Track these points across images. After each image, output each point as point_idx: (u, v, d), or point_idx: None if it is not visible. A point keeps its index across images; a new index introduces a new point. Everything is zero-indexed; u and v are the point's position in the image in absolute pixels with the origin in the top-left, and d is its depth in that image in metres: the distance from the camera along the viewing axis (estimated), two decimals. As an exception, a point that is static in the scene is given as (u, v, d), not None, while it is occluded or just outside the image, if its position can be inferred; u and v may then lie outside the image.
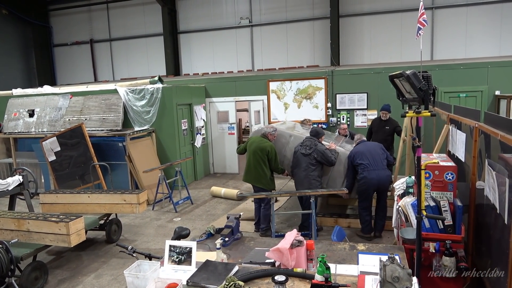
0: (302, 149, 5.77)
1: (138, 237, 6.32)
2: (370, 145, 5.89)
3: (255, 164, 5.91)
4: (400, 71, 2.33)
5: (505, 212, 2.66)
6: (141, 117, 9.09)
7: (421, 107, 2.35)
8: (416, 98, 2.32)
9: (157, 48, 14.74)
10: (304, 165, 5.69)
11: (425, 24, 5.26)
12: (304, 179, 5.68)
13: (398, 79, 2.45)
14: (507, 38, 11.37)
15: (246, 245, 3.49)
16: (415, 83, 2.20)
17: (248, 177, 6.07)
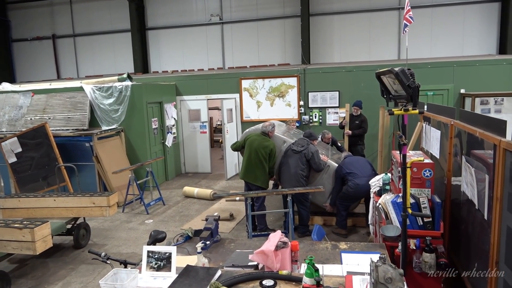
0: (294, 146, 5.76)
1: (108, 241, 6.05)
2: (357, 157, 6.24)
3: (257, 162, 5.81)
4: (388, 68, 2.30)
5: (485, 208, 2.70)
6: (109, 116, 8.74)
7: (408, 104, 2.33)
8: (403, 96, 2.30)
9: (124, 44, 14.26)
10: (294, 163, 5.65)
11: (412, 21, 5.33)
12: (293, 176, 5.63)
13: (385, 76, 2.43)
14: (470, 39, 11.84)
15: (226, 247, 3.39)
16: (404, 80, 2.18)
17: (247, 175, 5.91)
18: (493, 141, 2.55)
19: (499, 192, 2.44)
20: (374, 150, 8.99)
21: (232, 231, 6.23)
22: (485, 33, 11.86)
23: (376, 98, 9.06)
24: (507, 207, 2.37)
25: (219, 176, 10.01)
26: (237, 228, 6.37)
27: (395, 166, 4.03)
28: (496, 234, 2.48)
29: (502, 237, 2.44)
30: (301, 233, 5.82)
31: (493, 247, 2.53)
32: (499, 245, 2.48)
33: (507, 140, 2.38)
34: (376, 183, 4.82)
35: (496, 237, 2.49)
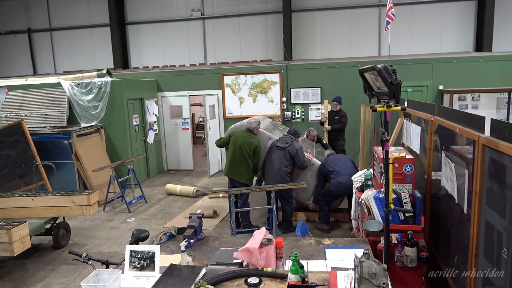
0: (278, 143, 5.75)
1: (89, 240, 5.93)
2: (340, 155, 6.29)
3: (241, 159, 5.78)
4: (371, 65, 2.32)
5: (464, 202, 2.76)
6: (88, 113, 8.55)
7: (390, 101, 2.36)
8: (385, 92, 2.32)
9: (103, 39, 13.97)
10: (278, 159, 5.65)
11: (394, 18, 5.37)
12: (277, 172, 5.63)
13: (368, 73, 2.44)
14: (447, 36, 12.09)
15: (210, 245, 3.36)
16: (386, 77, 2.20)
17: (231, 171, 5.88)
18: (472, 137, 2.60)
19: (478, 187, 2.50)
20: (355, 146, 9.10)
21: (216, 228, 6.21)
22: (462, 31, 12.13)
23: (357, 94, 9.17)
24: (486, 201, 2.43)
25: (202, 173, 9.95)
26: (221, 225, 6.35)
27: (377, 162, 4.08)
28: (475, 227, 2.55)
29: (481, 231, 2.50)
30: (285, 229, 5.85)
31: (473, 240, 2.59)
32: (478, 238, 2.54)
33: (486, 136, 2.43)
34: (358, 178, 4.88)
35: (475, 231, 2.55)
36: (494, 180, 2.31)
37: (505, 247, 2.16)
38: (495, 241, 2.30)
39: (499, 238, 2.25)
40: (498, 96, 8.58)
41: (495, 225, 2.30)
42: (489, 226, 2.38)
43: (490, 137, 2.37)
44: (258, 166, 5.95)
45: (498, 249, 2.25)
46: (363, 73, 2.54)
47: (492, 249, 2.34)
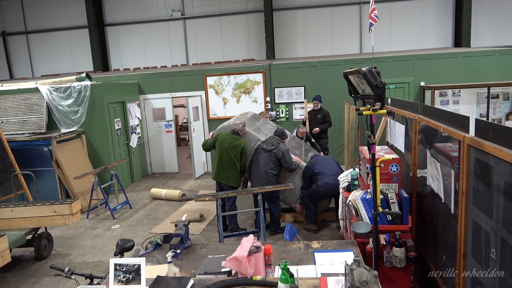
0: (264, 145, 5.68)
1: (72, 250, 5.78)
2: (324, 156, 6.28)
3: (229, 162, 5.70)
4: (356, 68, 2.28)
5: (451, 202, 2.77)
6: (68, 118, 8.34)
7: (376, 104, 2.34)
8: (371, 95, 2.30)
9: (82, 41, 13.67)
10: (265, 161, 5.60)
11: (377, 20, 5.36)
12: (263, 174, 5.59)
13: (352, 76, 2.41)
14: (427, 32, 12.26)
15: (198, 253, 3.30)
16: (371, 80, 2.17)
17: (219, 176, 5.80)
18: (458, 137, 2.60)
19: (464, 187, 2.50)
20: (339, 144, 9.14)
21: (203, 233, 6.13)
22: (441, 27, 12.32)
23: (340, 93, 9.21)
24: (472, 202, 2.44)
25: (187, 176, 9.84)
26: (208, 229, 6.27)
27: (363, 162, 4.07)
28: (463, 227, 2.55)
29: (468, 231, 2.51)
30: (273, 231, 5.81)
31: (460, 240, 2.60)
32: (466, 238, 2.55)
33: (471, 136, 2.44)
34: (345, 178, 4.87)
35: (462, 231, 2.56)
36: (480, 181, 2.31)
37: (493, 248, 2.17)
38: (483, 241, 2.31)
39: (487, 238, 2.25)
40: (478, 91, 8.73)
41: (482, 225, 2.31)
42: (477, 226, 2.39)
43: (475, 137, 2.37)
44: (245, 167, 5.89)
45: (486, 249, 2.26)
46: (347, 76, 2.52)
47: (480, 249, 2.35)
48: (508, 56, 8.79)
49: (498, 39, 12.01)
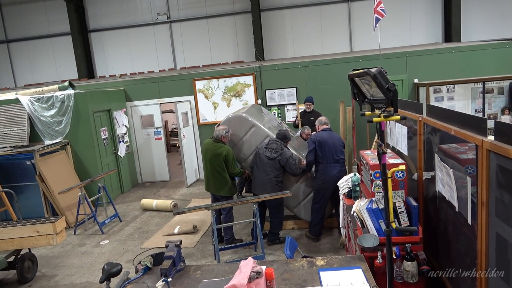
0: (267, 152, 5.33)
1: (58, 270, 5.43)
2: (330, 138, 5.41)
3: (214, 173, 5.40)
4: (364, 69, 2.02)
5: (468, 213, 2.53)
6: (52, 129, 7.98)
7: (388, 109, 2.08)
8: (382, 100, 2.04)
9: (65, 49, 13.28)
10: (269, 169, 5.29)
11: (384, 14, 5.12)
12: (267, 183, 5.30)
13: (359, 78, 2.16)
14: (417, 28, 12.12)
15: (191, 277, 3.01)
16: (383, 83, 1.92)
17: (209, 187, 5.54)
18: (474, 141, 2.36)
19: (484, 197, 2.26)
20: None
21: (197, 245, 5.83)
22: (431, 22, 12.20)
23: (333, 92, 9.00)
24: (495, 213, 2.20)
25: (179, 184, 9.52)
26: (202, 241, 5.98)
27: (364, 168, 3.83)
28: (484, 241, 2.31)
29: (491, 245, 2.26)
30: (270, 241, 5.54)
31: (481, 254, 2.36)
32: (488, 253, 2.30)
33: (490, 140, 2.20)
34: (345, 184, 4.63)
35: (483, 245, 2.32)
36: (505, 190, 2.07)
37: (524, 266, 1.93)
38: (510, 257, 2.06)
39: (515, 255, 2.01)
40: (472, 86, 8.57)
41: (509, 240, 2.06)
42: (501, 240, 2.14)
43: (497, 141, 2.13)
44: (236, 171, 5.50)
45: (515, 267, 2.02)
46: (353, 79, 2.26)
47: (507, 266, 2.10)
48: (502, 50, 8.65)
49: (488, 33, 11.92)
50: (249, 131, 5.80)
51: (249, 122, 5.79)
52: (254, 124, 5.79)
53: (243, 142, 5.82)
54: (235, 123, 5.82)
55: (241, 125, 5.81)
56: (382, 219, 3.13)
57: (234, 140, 5.81)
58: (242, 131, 5.81)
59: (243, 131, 5.81)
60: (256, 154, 5.48)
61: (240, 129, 5.81)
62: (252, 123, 5.79)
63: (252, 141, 5.75)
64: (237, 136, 5.81)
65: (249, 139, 5.79)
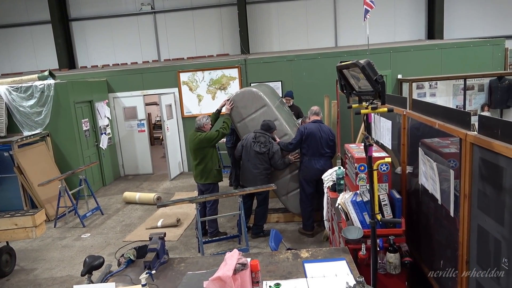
0: (256, 146, 5.29)
1: (38, 264, 5.31)
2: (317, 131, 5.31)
3: (197, 162, 5.42)
4: (352, 61, 2.02)
5: (451, 205, 2.57)
6: (31, 120, 7.76)
7: (375, 101, 2.09)
8: (370, 92, 2.05)
9: (45, 38, 12.90)
10: (259, 162, 5.29)
11: (373, 6, 5.13)
12: (257, 176, 5.30)
13: (348, 70, 2.15)
14: (401, 25, 12.25)
15: (175, 269, 2.98)
16: (371, 74, 1.92)
17: (197, 177, 5.53)
18: (458, 135, 2.39)
19: (467, 189, 2.30)
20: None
21: (181, 238, 5.79)
22: (415, 19, 12.34)
23: (318, 87, 9.02)
24: (477, 205, 2.23)
25: (162, 177, 9.42)
26: (186, 234, 5.94)
27: (349, 161, 3.85)
28: (466, 232, 2.35)
29: (472, 236, 2.31)
30: (255, 234, 5.54)
31: (463, 246, 2.40)
32: (469, 244, 2.35)
33: (474, 133, 2.23)
34: (329, 177, 4.66)
35: (465, 236, 2.36)
36: (488, 183, 2.11)
37: (504, 257, 1.97)
38: (492, 248, 2.11)
39: (496, 246, 2.05)
40: (454, 83, 8.74)
41: (490, 231, 2.10)
42: (483, 232, 2.19)
43: (480, 135, 2.16)
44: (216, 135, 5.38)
45: (496, 257, 2.06)
46: (341, 70, 2.25)
47: (488, 257, 2.15)
48: (483, 48, 8.82)
49: (469, 31, 12.12)
50: (260, 110, 5.70)
51: (262, 100, 5.69)
52: (266, 104, 5.69)
53: (251, 119, 5.72)
54: (248, 98, 5.71)
55: (254, 101, 5.70)
56: (366, 211, 3.16)
57: (243, 114, 5.72)
58: (253, 107, 5.70)
59: (254, 107, 5.70)
60: (244, 147, 5.44)
61: (251, 105, 5.69)
62: (265, 103, 5.69)
63: (259, 120, 5.61)
64: (247, 111, 5.69)
65: (257, 117, 5.68)
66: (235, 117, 5.78)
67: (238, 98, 5.73)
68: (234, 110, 5.76)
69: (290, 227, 5.85)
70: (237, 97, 5.75)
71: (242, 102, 5.70)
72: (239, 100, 5.72)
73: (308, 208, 5.44)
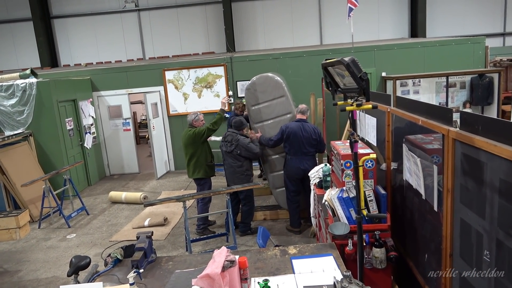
0: (224, 146, 5.33)
1: (22, 266, 5.21)
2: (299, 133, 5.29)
3: (189, 157, 5.51)
4: (337, 58, 2.05)
5: (434, 199, 2.63)
6: (13, 119, 7.61)
7: (360, 98, 2.12)
8: (354, 89, 2.08)
9: (26, 35, 12.66)
10: (230, 161, 5.33)
11: (357, 4, 5.17)
12: (233, 174, 5.34)
13: (333, 67, 2.18)
14: (384, 24, 12.41)
15: (163, 268, 2.97)
16: (355, 71, 1.95)
17: (189, 172, 5.61)
18: (440, 131, 2.45)
19: (450, 184, 2.36)
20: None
21: (168, 237, 5.76)
22: (398, 18, 12.52)
23: (304, 85, 9.07)
24: (459, 199, 2.29)
25: (149, 176, 9.35)
26: (173, 233, 5.91)
27: (335, 158, 3.89)
28: (449, 226, 2.41)
29: (455, 230, 2.37)
30: (242, 232, 5.56)
31: (446, 239, 2.46)
32: (452, 237, 2.41)
33: (456, 129, 2.28)
34: (316, 174, 4.70)
35: (448, 230, 2.42)
36: (469, 177, 2.16)
37: (486, 249, 2.03)
38: (474, 242, 2.17)
39: (478, 239, 2.11)
40: (436, 80, 8.89)
41: (472, 225, 2.16)
42: (466, 225, 2.25)
43: (462, 131, 2.21)
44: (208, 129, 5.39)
45: (478, 250, 2.12)
46: (326, 68, 2.28)
47: (470, 250, 2.21)
48: (464, 46, 9.00)
49: (451, 29, 12.37)
50: (278, 99, 5.59)
51: (282, 90, 5.59)
52: (285, 95, 5.60)
53: (267, 105, 5.60)
54: (269, 84, 5.58)
55: (274, 89, 5.58)
56: (352, 207, 3.21)
57: (260, 99, 5.57)
58: (272, 95, 5.58)
59: (272, 95, 5.58)
60: (220, 148, 5.53)
61: (270, 92, 5.57)
62: (284, 93, 5.59)
63: (275, 109, 5.54)
64: (264, 96, 5.56)
65: (273, 105, 5.58)
66: (250, 100, 5.62)
67: (259, 81, 5.57)
68: (250, 93, 5.61)
69: (278, 224, 5.88)
70: (258, 80, 5.60)
71: (262, 87, 5.54)
72: (260, 84, 5.57)
73: (293, 205, 5.48)
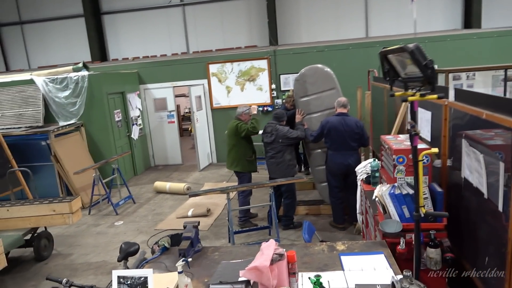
0: (265, 137, 5.32)
1: (74, 249, 5.49)
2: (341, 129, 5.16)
3: (229, 148, 5.64)
4: (399, 45, 1.92)
5: (499, 199, 2.43)
6: (66, 110, 7.99)
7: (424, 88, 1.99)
8: (418, 78, 1.95)
9: (78, 31, 13.21)
10: (271, 153, 5.30)
11: None
12: (276, 167, 5.30)
13: (393, 55, 2.06)
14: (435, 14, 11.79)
15: (210, 258, 2.99)
16: (420, 59, 1.82)
17: (227, 163, 5.77)
18: (509, 125, 2.25)
19: (519, 182, 2.17)
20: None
21: (211, 228, 5.83)
22: (450, 9, 11.83)
23: (349, 78, 8.81)
24: (530, 199, 2.10)
25: (191, 168, 9.52)
26: (216, 224, 5.98)
27: (386, 153, 3.73)
28: (516, 228, 2.22)
29: (524, 232, 2.18)
30: (284, 226, 5.50)
31: (511, 242, 2.27)
32: (520, 240, 2.22)
33: (528, 123, 2.09)
34: (363, 169, 4.55)
35: (515, 232, 2.23)
36: (544, 176, 1.97)
37: None
38: (546, 246, 1.98)
39: (553, 243, 1.92)
40: (493, 73, 8.32)
41: (545, 227, 1.97)
42: (537, 228, 2.05)
43: (535, 125, 2.02)
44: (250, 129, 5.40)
45: (551, 255, 1.93)
46: (386, 56, 2.16)
47: (542, 255, 2.02)
48: (525, 36, 8.36)
49: (509, 19, 11.52)
50: (328, 91, 5.52)
51: (333, 82, 5.54)
52: (336, 87, 5.55)
53: (317, 97, 5.53)
54: (319, 76, 5.55)
55: (324, 81, 5.53)
56: (405, 204, 3.06)
57: (309, 90, 5.52)
58: (322, 87, 5.53)
59: (322, 87, 5.52)
60: (262, 140, 5.50)
61: (321, 84, 5.52)
62: (335, 85, 5.54)
63: (324, 102, 5.46)
64: (314, 88, 5.51)
65: (323, 98, 5.50)
66: (298, 92, 5.57)
67: (310, 73, 5.53)
68: (299, 84, 5.56)
69: (320, 219, 5.78)
70: (308, 71, 5.55)
71: (312, 78, 5.49)
72: (310, 75, 5.52)
73: (337, 201, 5.35)
